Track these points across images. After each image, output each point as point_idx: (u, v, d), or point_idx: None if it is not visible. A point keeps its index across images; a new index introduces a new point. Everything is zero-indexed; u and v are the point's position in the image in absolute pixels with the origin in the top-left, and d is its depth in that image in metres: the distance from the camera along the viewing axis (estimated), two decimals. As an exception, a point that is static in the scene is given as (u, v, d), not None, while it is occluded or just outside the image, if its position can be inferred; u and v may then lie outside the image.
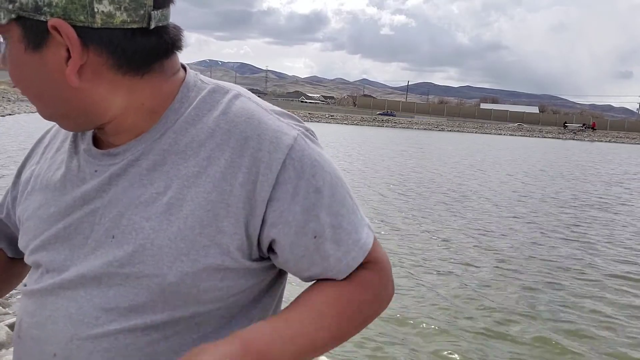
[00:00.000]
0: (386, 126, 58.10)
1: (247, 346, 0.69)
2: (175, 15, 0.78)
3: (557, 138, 60.21)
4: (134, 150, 0.77)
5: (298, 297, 0.80)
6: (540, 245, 7.70)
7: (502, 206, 10.80)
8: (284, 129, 0.77)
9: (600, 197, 13.25)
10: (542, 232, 8.55)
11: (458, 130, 60.99)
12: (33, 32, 0.68)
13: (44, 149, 0.91)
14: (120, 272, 0.74)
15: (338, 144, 24.95)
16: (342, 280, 0.81)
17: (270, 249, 0.78)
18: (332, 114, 67.88)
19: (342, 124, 54.37)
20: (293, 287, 1.03)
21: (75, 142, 0.84)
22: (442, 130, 59.96)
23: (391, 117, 74.49)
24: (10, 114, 29.12)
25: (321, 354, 0.79)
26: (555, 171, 19.78)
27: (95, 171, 0.78)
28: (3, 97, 38.54)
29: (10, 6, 0.67)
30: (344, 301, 0.80)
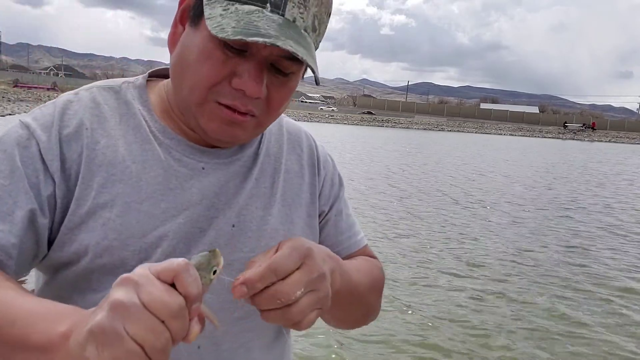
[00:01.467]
0: (386, 126, 58.08)
1: (331, 254, 0.81)
2: (174, 15, 0.84)
3: (557, 138, 60.19)
4: (233, 148, 0.90)
5: None
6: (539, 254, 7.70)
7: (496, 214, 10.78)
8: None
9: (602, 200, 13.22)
10: (537, 239, 8.54)
11: (458, 130, 60.97)
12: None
13: (90, 135, 0.84)
14: (249, 255, 0.80)
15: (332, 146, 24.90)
16: (361, 257, 1.02)
17: None
18: (332, 114, 67.81)
19: (342, 124, 54.33)
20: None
21: (154, 137, 0.86)
22: (442, 130, 59.95)
23: (391, 117, 74.55)
24: (10, 114, 29.12)
25: (358, 308, 0.94)
26: (558, 175, 19.73)
27: (203, 168, 0.86)
28: (3, 97, 38.57)
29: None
30: (368, 265, 0.99)
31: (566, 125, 78.72)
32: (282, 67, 0.78)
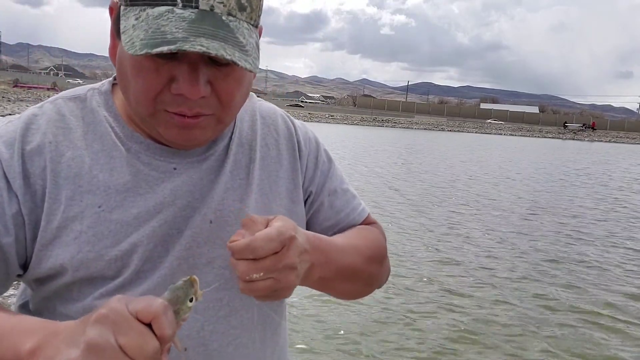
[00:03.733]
0: (386, 126, 58.08)
1: (320, 240, 0.83)
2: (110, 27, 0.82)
3: (557, 138, 60.18)
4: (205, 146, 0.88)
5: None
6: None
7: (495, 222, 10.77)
8: None
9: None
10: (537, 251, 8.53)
11: (458, 130, 60.96)
12: None
13: (51, 154, 0.82)
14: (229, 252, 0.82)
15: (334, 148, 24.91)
16: (360, 226, 1.02)
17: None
18: (332, 114, 67.86)
19: (342, 124, 54.35)
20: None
21: (121, 143, 0.84)
22: (442, 130, 59.95)
23: (391, 117, 74.60)
24: (10, 114, 29.11)
25: (357, 282, 0.96)
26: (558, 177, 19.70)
27: (175, 168, 0.84)
28: (3, 97, 38.57)
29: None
30: (365, 236, 0.99)
31: (566, 125, 78.75)
32: (217, 59, 0.73)
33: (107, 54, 0.83)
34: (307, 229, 0.98)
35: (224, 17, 0.71)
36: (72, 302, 0.80)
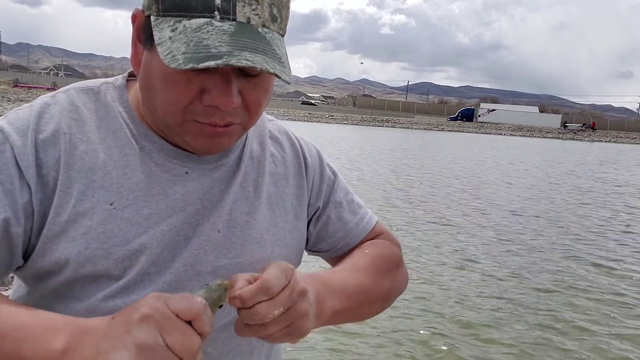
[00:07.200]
0: (386, 126, 58.05)
1: (313, 276, 0.82)
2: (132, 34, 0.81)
3: (557, 138, 60.14)
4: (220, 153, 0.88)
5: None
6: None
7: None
8: None
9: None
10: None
11: (458, 130, 60.94)
12: None
13: (68, 145, 0.80)
14: (235, 261, 0.84)
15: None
16: (363, 245, 1.01)
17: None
18: (332, 114, 67.85)
19: (342, 124, 54.35)
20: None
21: (135, 141, 0.82)
22: (443, 130, 59.93)
23: (391, 117, 74.64)
24: (10, 114, 29.02)
25: (374, 302, 0.95)
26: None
27: (187, 172, 0.84)
28: (3, 97, 38.55)
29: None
30: (371, 254, 0.98)
31: (566, 125, 78.74)
32: (249, 71, 0.73)
33: (106, 54, 0.89)
34: (318, 243, 1.01)
35: (259, 29, 0.71)
36: (74, 301, 0.78)
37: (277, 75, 0.69)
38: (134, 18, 0.78)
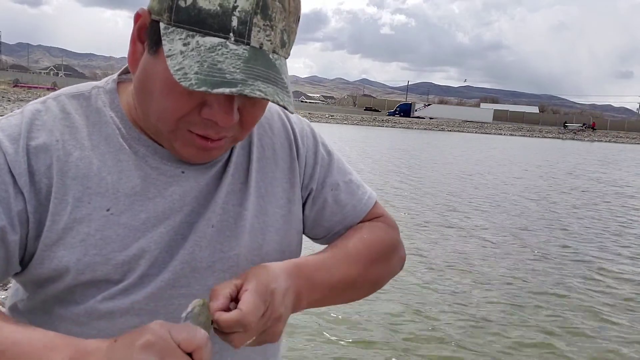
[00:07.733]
0: (386, 126, 58.04)
1: (299, 268, 0.82)
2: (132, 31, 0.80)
3: (557, 138, 60.15)
4: None
5: (329, 245, 0.96)
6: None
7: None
8: None
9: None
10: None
11: (458, 130, 60.93)
12: None
13: (59, 153, 0.79)
14: (229, 254, 0.85)
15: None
16: (360, 226, 0.99)
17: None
18: (332, 114, 67.82)
19: (342, 124, 54.33)
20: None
21: (128, 146, 0.82)
22: (442, 130, 59.92)
23: (391, 117, 74.70)
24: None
25: (360, 289, 0.94)
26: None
27: (183, 172, 0.83)
28: (3, 97, 38.53)
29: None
30: (367, 240, 0.95)
31: (566, 125, 78.77)
32: None
33: (106, 54, 0.89)
34: (315, 228, 0.99)
35: (270, 55, 0.71)
36: (74, 304, 0.79)
37: (285, 107, 0.70)
38: (137, 17, 0.77)
